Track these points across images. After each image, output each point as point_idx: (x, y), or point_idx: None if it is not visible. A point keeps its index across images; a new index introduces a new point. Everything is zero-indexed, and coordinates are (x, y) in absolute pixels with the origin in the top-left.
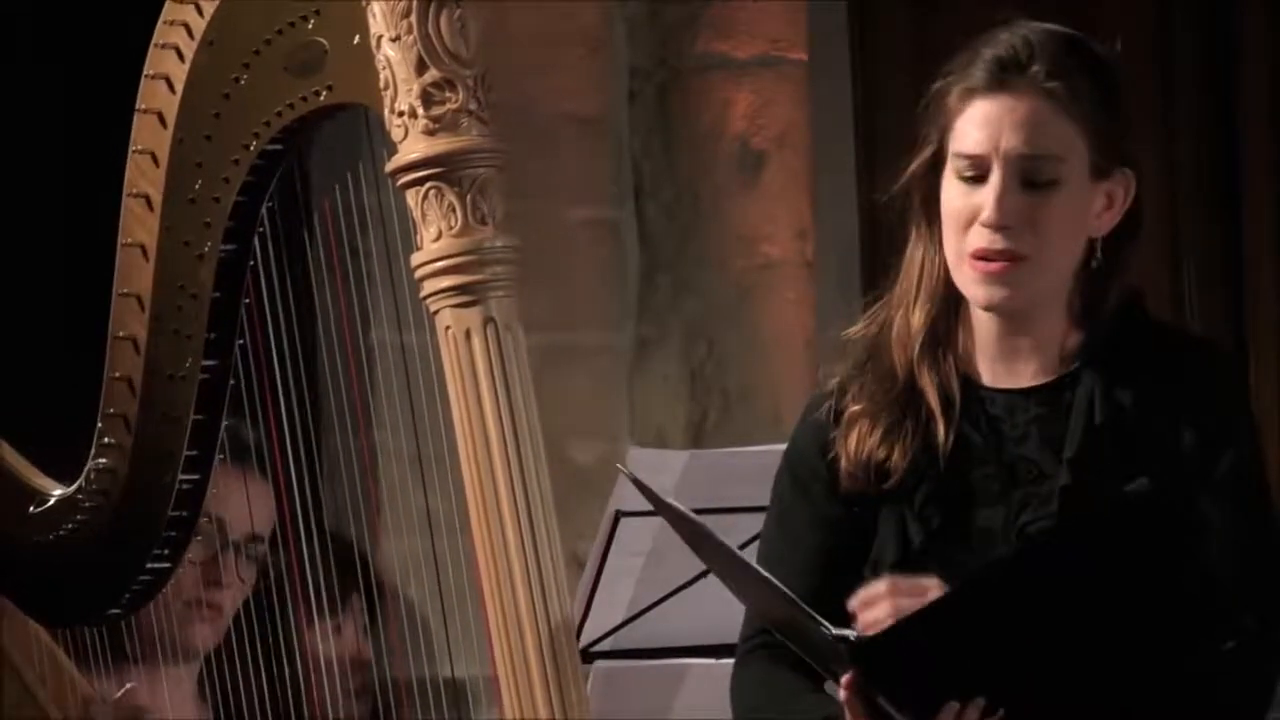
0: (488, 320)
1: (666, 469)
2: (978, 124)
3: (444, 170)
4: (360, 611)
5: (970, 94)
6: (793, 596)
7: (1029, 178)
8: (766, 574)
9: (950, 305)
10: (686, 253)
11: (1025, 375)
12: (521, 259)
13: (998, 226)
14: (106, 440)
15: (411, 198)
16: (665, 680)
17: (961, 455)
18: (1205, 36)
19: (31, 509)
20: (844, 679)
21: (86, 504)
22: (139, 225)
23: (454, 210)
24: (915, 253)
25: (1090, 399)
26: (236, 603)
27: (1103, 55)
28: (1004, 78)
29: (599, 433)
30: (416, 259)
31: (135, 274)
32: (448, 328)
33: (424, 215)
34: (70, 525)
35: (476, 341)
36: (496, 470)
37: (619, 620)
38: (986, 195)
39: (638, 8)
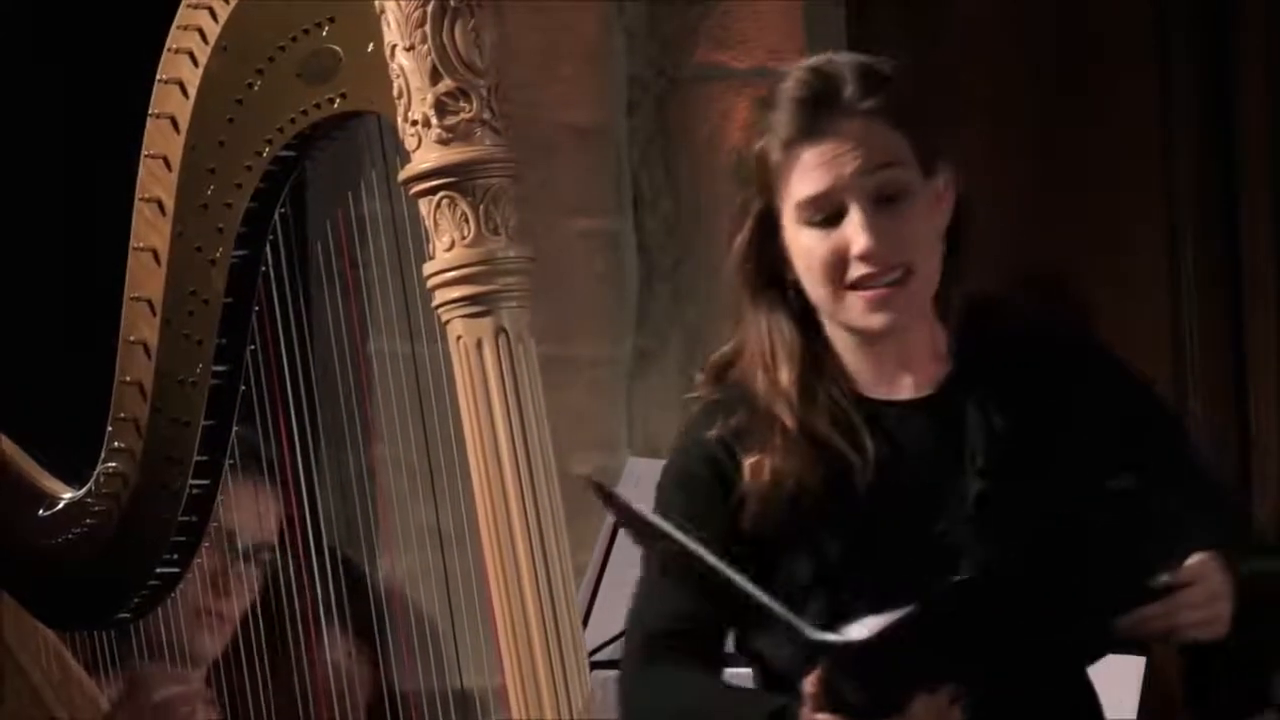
0: (499, 330)
1: None
2: (814, 167)
3: (457, 180)
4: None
5: (793, 145)
6: (766, 600)
7: (882, 194)
8: (737, 575)
9: (812, 350)
10: (685, 263)
11: (906, 386)
12: (533, 269)
13: (875, 253)
14: (117, 444)
15: (424, 207)
16: None
17: (869, 472)
18: (1203, 41)
19: (41, 512)
20: (813, 674)
21: (96, 507)
22: (151, 230)
23: (467, 220)
24: (759, 319)
25: (984, 408)
26: (243, 609)
27: (887, 65)
28: (819, 115)
29: (598, 444)
30: (429, 268)
31: (147, 278)
32: (459, 338)
33: (436, 225)
34: (79, 528)
35: (488, 351)
36: (507, 480)
37: (618, 630)
38: (851, 229)
39: (637, 19)
